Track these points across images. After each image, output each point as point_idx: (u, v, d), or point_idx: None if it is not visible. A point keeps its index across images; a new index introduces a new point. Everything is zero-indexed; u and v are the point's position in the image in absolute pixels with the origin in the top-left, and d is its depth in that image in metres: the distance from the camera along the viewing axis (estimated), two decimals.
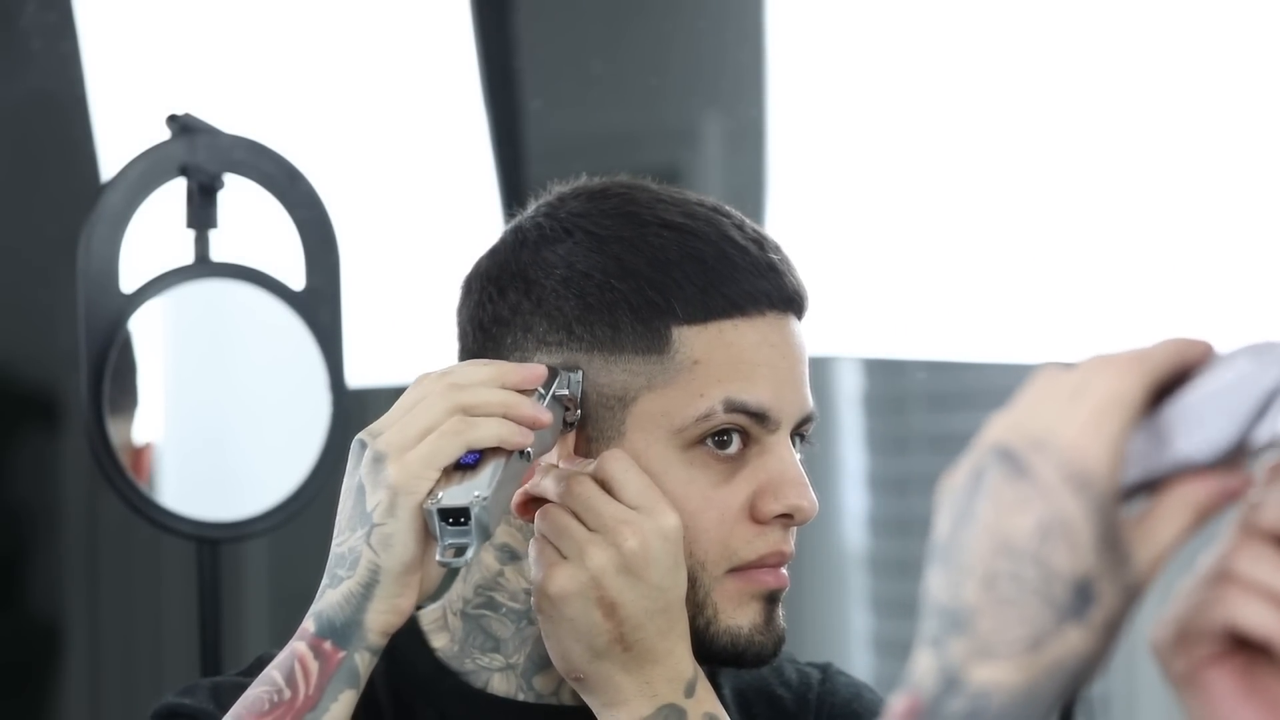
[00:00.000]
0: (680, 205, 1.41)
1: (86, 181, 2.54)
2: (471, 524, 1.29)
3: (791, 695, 1.48)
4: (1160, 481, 0.89)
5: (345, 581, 1.32)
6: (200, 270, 2.01)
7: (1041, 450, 0.88)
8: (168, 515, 2.02)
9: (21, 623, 2.72)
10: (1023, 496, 0.88)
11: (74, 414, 2.63)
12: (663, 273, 1.38)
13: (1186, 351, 0.90)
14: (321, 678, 1.32)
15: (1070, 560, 0.87)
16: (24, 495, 2.75)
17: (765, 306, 1.39)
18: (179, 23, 2.60)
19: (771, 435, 1.39)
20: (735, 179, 2.84)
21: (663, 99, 2.89)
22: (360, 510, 1.32)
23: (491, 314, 1.41)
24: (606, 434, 1.38)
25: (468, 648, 1.43)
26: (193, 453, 2.18)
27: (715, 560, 1.38)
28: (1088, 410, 0.88)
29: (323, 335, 2.04)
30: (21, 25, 2.59)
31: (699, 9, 2.88)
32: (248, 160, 2.02)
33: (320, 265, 2.05)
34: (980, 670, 0.87)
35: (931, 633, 0.88)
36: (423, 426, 1.31)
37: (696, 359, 1.37)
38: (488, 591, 1.43)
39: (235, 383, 2.13)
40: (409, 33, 2.72)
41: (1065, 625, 0.87)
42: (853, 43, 2.70)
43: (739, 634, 1.39)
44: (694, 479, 1.38)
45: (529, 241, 1.41)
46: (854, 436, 2.84)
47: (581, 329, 1.38)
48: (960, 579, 0.88)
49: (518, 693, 1.42)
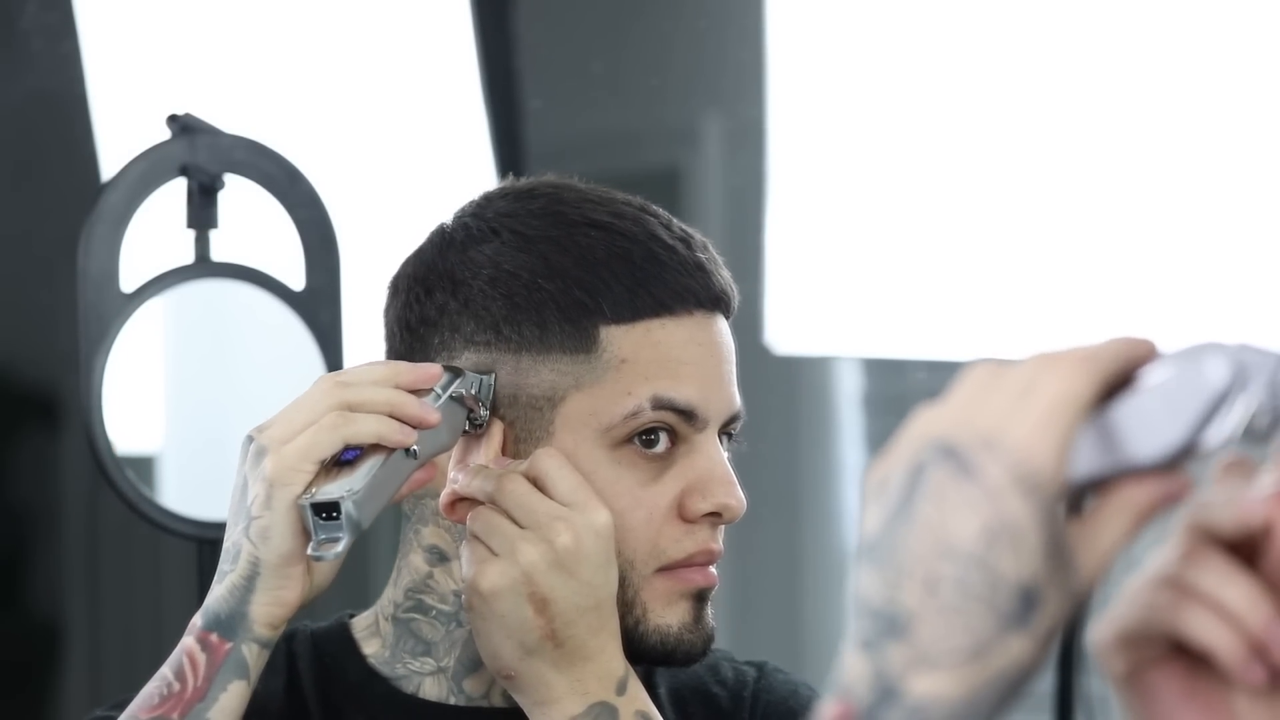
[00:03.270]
0: (607, 204, 1.41)
1: (86, 181, 2.54)
2: (342, 519, 1.30)
3: (727, 693, 1.48)
4: (1103, 484, 0.86)
5: (229, 575, 1.34)
6: (200, 270, 2.01)
7: (990, 449, 0.85)
8: (168, 515, 2.02)
9: (21, 622, 2.72)
10: (968, 497, 0.84)
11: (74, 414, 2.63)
12: (590, 272, 1.38)
13: (1133, 351, 0.88)
14: (209, 669, 1.33)
15: (1016, 566, 0.84)
16: (24, 495, 2.75)
17: (693, 305, 1.40)
18: (179, 23, 2.60)
19: (699, 434, 1.39)
20: (735, 179, 2.84)
21: (663, 99, 2.89)
22: (242, 504, 1.33)
23: (418, 314, 1.41)
24: (535, 434, 1.39)
25: (399, 653, 1.43)
26: (193, 453, 2.18)
27: (644, 559, 1.38)
28: (1039, 410, 0.85)
29: (323, 335, 2.03)
30: (22, 25, 2.59)
31: (699, 9, 2.88)
32: (248, 160, 2.02)
33: (320, 265, 2.04)
34: (919, 681, 0.84)
35: (864, 635, 0.85)
36: (303, 421, 1.33)
37: (624, 358, 1.38)
38: (417, 595, 1.43)
39: (235, 383, 2.13)
40: (409, 33, 2.72)
41: (1008, 633, 0.84)
42: (853, 43, 2.70)
43: (668, 633, 1.39)
44: (622, 478, 1.38)
45: (456, 242, 1.42)
46: (854, 436, 2.84)
47: (509, 329, 1.39)
48: (897, 580, 0.85)
49: (449, 696, 1.42)
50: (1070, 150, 2.54)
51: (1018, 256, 2.59)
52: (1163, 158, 2.49)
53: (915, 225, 2.65)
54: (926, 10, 2.64)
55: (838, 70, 2.70)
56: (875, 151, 2.68)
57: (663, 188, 2.86)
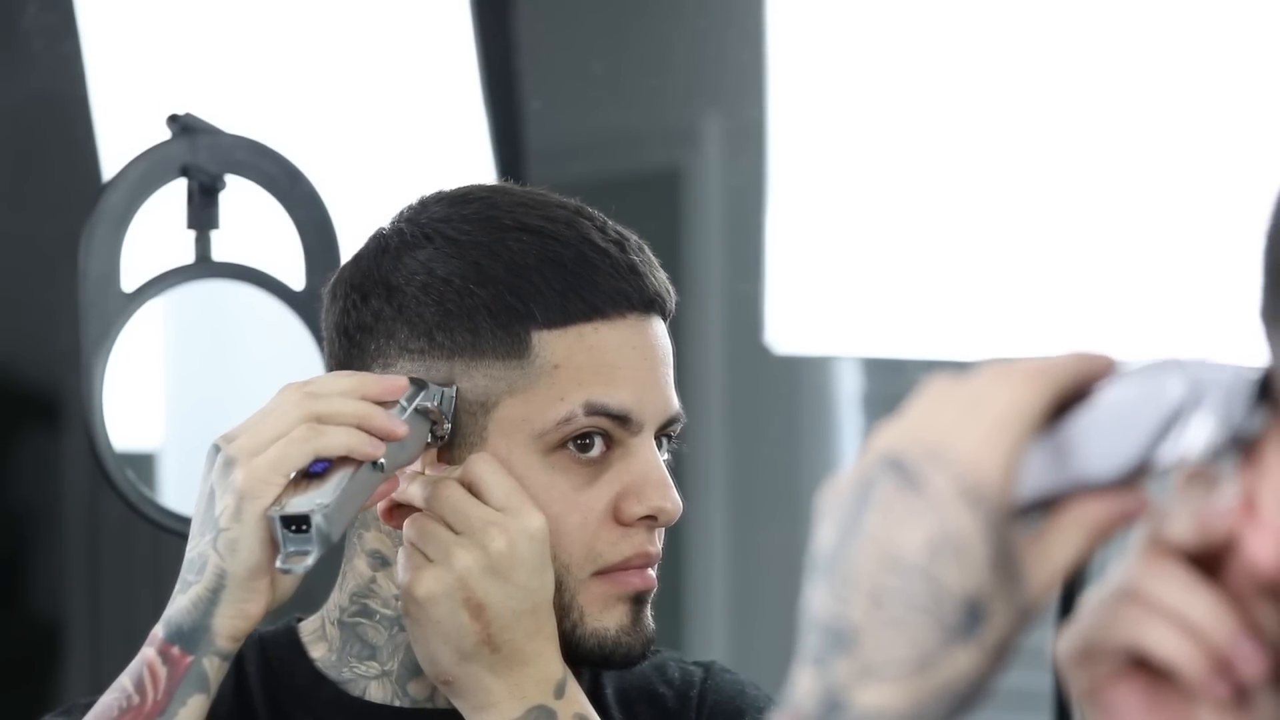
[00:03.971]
0: (540, 208, 1.41)
1: (87, 181, 2.54)
2: (312, 532, 1.30)
3: (673, 693, 1.48)
4: (1056, 500, 0.85)
5: (193, 586, 1.34)
6: (201, 270, 2.01)
7: (935, 461, 0.84)
8: (168, 515, 2.02)
9: (22, 622, 2.72)
10: (913, 509, 0.84)
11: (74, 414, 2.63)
12: (521, 277, 1.38)
13: (1088, 366, 0.87)
14: (170, 683, 1.33)
15: (961, 578, 0.83)
16: (24, 495, 2.75)
17: (626, 309, 1.39)
18: (179, 23, 2.60)
19: (634, 437, 1.39)
20: (735, 179, 2.84)
21: (663, 99, 2.89)
22: (209, 515, 1.33)
23: (355, 321, 1.42)
24: (469, 440, 1.39)
25: (345, 656, 1.44)
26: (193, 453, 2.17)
27: (580, 563, 1.38)
28: (986, 421, 0.84)
29: None
30: (23, 26, 2.59)
31: (699, 9, 2.88)
32: (249, 160, 2.02)
33: (320, 265, 2.04)
34: (864, 693, 0.83)
35: (813, 651, 0.84)
36: (273, 433, 1.32)
37: (556, 363, 1.38)
38: (362, 599, 1.43)
39: (236, 383, 2.13)
40: (409, 33, 2.71)
41: (954, 646, 0.83)
42: (853, 43, 2.70)
43: (606, 636, 1.39)
44: (556, 483, 1.38)
45: (390, 248, 1.42)
46: (854, 436, 2.84)
47: (442, 335, 1.39)
48: (845, 595, 0.84)
49: (394, 699, 1.43)
50: (1070, 151, 2.54)
51: (1017, 257, 2.59)
52: (1163, 160, 2.49)
53: (915, 225, 2.65)
54: (926, 10, 2.64)
55: (838, 70, 2.70)
56: (875, 152, 2.68)
57: (663, 188, 2.86)
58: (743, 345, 2.91)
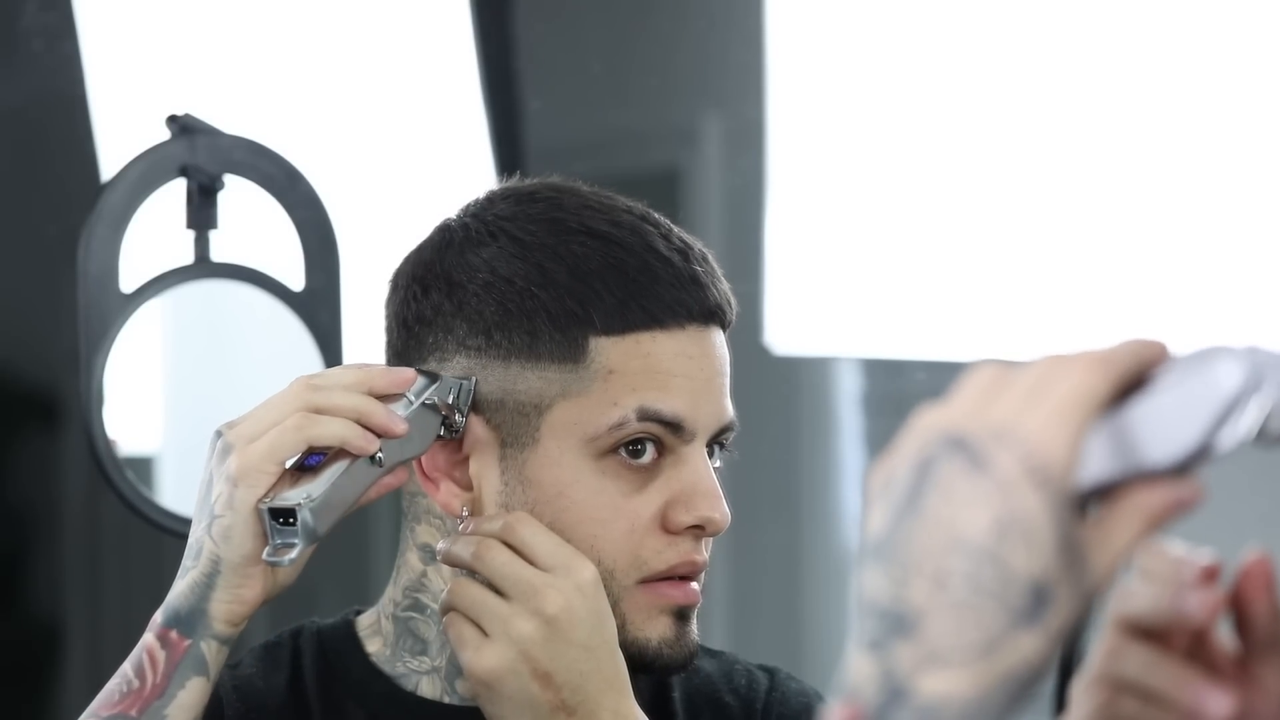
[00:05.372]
0: (606, 212, 1.41)
1: (86, 181, 2.54)
2: (298, 525, 1.30)
3: (739, 703, 1.48)
4: (1114, 487, 0.85)
5: (190, 572, 1.35)
6: (200, 270, 2.01)
7: (1002, 440, 0.83)
8: (168, 515, 2.02)
9: (22, 622, 2.72)
10: (979, 489, 0.82)
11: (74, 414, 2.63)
12: (583, 282, 1.38)
13: (1145, 352, 0.86)
14: (168, 666, 1.34)
15: (1028, 560, 0.82)
16: (24, 495, 2.75)
17: (685, 319, 1.39)
18: (179, 23, 2.60)
19: (686, 445, 1.39)
20: (735, 179, 2.84)
21: (663, 99, 2.89)
22: (206, 500, 1.34)
23: (415, 313, 1.42)
24: (521, 440, 1.39)
25: (399, 651, 1.44)
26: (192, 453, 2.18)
27: (624, 569, 1.38)
28: (1053, 404, 0.84)
29: (322, 336, 2.04)
30: (22, 26, 2.59)
31: (699, 9, 2.88)
32: (248, 161, 2.02)
33: (320, 265, 2.04)
34: (929, 680, 0.82)
35: (870, 635, 0.83)
36: (270, 421, 1.33)
37: (612, 369, 1.37)
38: (414, 593, 1.43)
39: (235, 383, 2.13)
40: (409, 33, 2.71)
41: (1019, 630, 0.82)
42: (853, 43, 2.70)
43: (647, 646, 1.39)
44: (605, 488, 1.38)
45: (455, 242, 1.41)
46: (854, 437, 2.84)
47: (500, 335, 1.38)
48: (905, 578, 0.82)
49: (443, 695, 1.43)
50: (1071, 150, 2.54)
51: (1018, 257, 2.59)
52: (1163, 158, 2.49)
53: (915, 225, 2.65)
54: (927, 10, 2.64)
55: (838, 70, 2.70)
56: (875, 152, 2.68)
57: (663, 188, 2.86)
58: (742, 345, 2.91)
